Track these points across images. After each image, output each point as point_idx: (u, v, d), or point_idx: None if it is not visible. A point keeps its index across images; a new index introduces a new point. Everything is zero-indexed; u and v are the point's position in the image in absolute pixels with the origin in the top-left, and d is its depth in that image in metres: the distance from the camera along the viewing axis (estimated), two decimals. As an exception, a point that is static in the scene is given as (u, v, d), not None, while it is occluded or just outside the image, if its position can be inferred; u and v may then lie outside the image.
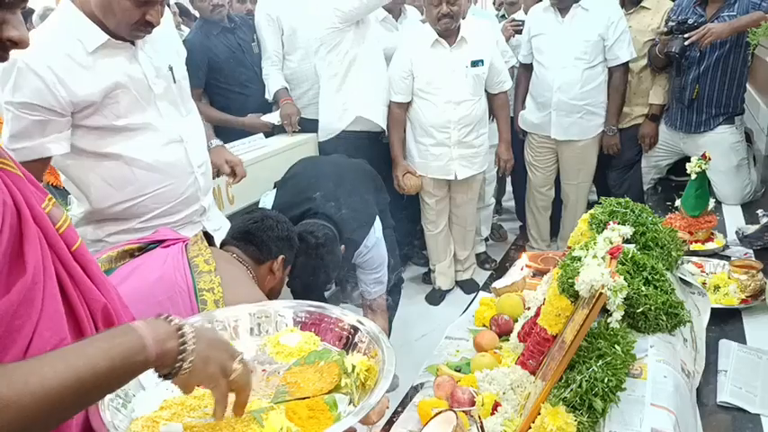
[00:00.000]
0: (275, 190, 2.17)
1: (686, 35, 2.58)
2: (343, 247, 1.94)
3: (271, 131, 3.02)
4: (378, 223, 2.13)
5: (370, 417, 1.67)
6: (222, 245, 1.48)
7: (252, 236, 1.45)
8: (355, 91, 2.91)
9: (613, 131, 3.16)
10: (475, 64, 2.95)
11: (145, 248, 1.37)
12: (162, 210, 1.67)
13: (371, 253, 2.08)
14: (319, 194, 1.98)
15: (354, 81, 2.90)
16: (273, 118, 2.96)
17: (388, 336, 2.59)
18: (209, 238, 1.39)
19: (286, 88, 3.09)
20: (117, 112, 1.53)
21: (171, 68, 1.67)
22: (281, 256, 1.48)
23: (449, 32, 2.89)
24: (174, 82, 1.68)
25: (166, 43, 1.70)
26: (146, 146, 1.59)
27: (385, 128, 3.08)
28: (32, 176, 0.80)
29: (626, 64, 3.03)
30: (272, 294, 1.49)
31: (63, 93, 1.43)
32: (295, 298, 2.53)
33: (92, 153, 1.55)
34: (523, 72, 3.30)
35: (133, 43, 1.55)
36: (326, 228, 1.86)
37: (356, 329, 0.97)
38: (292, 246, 1.55)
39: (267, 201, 2.29)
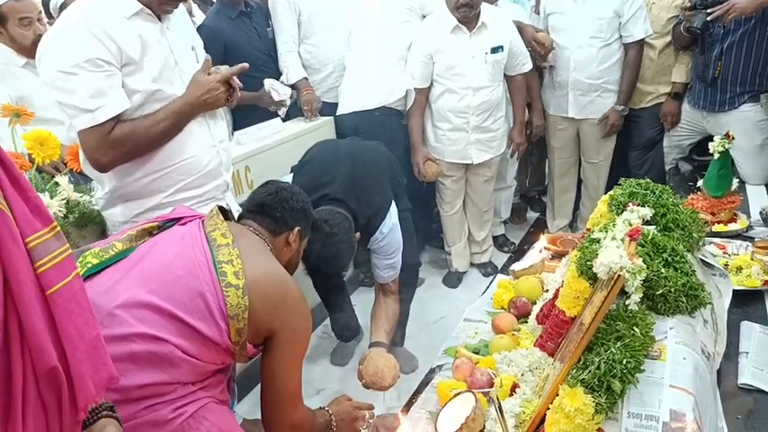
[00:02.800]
0: (291, 175, 2.18)
1: (709, 10, 2.52)
2: (358, 234, 1.94)
3: (286, 114, 3.02)
4: (393, 209, 2.13)
5: (384, 380, 1.71)
6: (238, 219, 1.49)
7: (267, 208, 1.45)
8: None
9: (621, 110, 3.10)
10: (495, 50, 2.92)
11: (162, 227, 1.39)
12: (186, 182, 1.72)
13: (387, 239, 2.08)
14: (335, 180, 1.98)
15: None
16: (284, 93, 2.97)
17: (406, 319, 2.61)
18: (225, 213, 1.41)
19: (306, 78, 3.11)
20: (152, 75, 1.60)
21: (194, 48, 1.77)
22: (296, 228, 1.48)
23: (468, 19, 2.87)
24: (197, 61, 1.76)
25: (186, 28, 1.81)
26: None
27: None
28: (38, 203, 0.74)
29: (641, 41, 2.97)
30: (290, 267, 1.50)
31: (114, 47, 1.52)
32: (314, 284, 2.57)
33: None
34: None
35: (160, 20, 1.64)
36: (341, 215, 1.86)
37: None
38: (308, 217, 1.55)
39: None
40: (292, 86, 3.09)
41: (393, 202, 2.14)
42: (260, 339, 1.29)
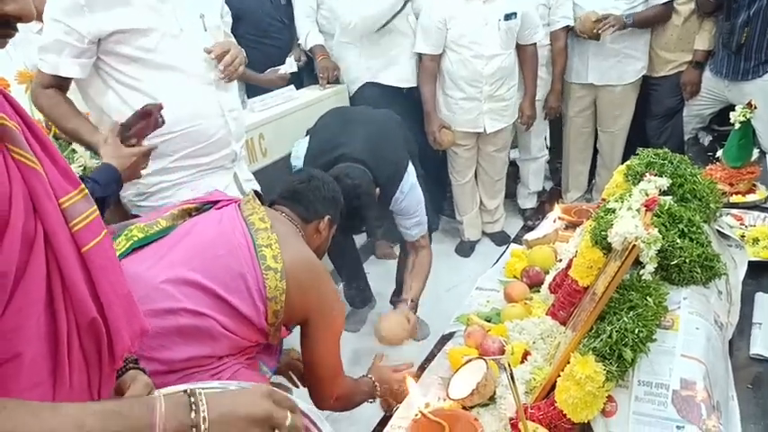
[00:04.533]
0: (307, 138, 2.19)
1: (735, -26, 2.44)
2: (378, 189, 1.96)
3: (298, 83, 3.01)
4: (411, 169, 2.15)
5: (379, 332, 1.77)
6: (271, 204, 1.52)
7: (300, 195, 1.49)
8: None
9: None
10: (508, 17, 2.86)
11: (201, 209, 1.43)
12: (192, 149, 1.74)
13: (407, 199, 2.11)
14: (352, 140, 2.00)
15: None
16: (288, 67, 2.95)
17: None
18: (260, 197, 1.44)
19: (322, 45, 3.08)
20: (148, 46, 1.61)
21: (202, 16, 1.75)
22: (327, 216, 1.52)
23: None
24: (205, 30, 1.75)
25: None
26: (175, 84, 1.67)
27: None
28: (66, 165, 0.76)
29: (668, 4, 2.89)
30: (318, 253, 1.54)
31: (90, 22, 1.55)
32: (328, 252, 2.58)
33: (126, 85, 1.65)
34: None
35: None
36: (360, 170, 1.89)
37: None
38: (338, 206, 1.58)
39: (300, 148, 2.31)
40: (310, 51, 3.08)
41: (410, 163, 2.15)
42: (293, 322, 1.34)
